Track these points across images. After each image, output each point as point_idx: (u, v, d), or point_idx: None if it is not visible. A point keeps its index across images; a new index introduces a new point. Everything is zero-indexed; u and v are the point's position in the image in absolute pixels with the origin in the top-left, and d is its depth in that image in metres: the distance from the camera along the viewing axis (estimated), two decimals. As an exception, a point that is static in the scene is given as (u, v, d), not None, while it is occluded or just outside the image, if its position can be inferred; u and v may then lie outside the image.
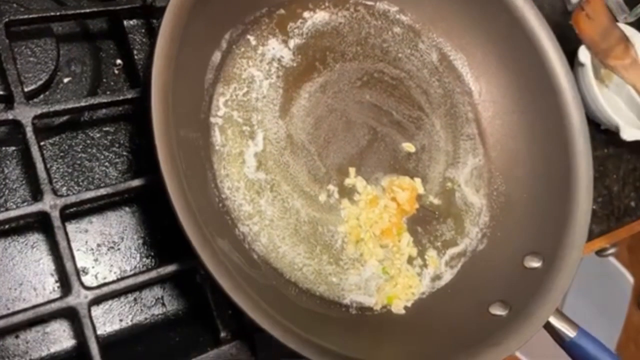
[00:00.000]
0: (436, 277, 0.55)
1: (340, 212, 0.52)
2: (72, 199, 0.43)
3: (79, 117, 0.52)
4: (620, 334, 1.59)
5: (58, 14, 0.46)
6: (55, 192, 0.43)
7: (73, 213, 0.49)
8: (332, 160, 0.53)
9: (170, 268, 0.45)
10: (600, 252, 0.96)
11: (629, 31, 0.73)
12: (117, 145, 0.53)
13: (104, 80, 0.54)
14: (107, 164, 0.52)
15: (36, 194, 0.46)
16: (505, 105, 0.61)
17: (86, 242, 0.49)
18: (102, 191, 0.44)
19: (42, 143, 0.49)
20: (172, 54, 0.41)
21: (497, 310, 0.51)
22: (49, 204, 0.42)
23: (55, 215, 0.42)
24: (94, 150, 0.52)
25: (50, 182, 0.43)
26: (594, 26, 0.72)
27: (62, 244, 0.42)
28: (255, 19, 0.53)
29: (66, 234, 0.42)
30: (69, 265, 0.42)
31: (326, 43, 0.56)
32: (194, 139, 0.46)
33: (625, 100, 0.74)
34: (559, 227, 0.54)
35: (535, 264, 0.54)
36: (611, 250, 0.97)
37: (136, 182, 0.45)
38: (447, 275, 0.55)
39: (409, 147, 0.57)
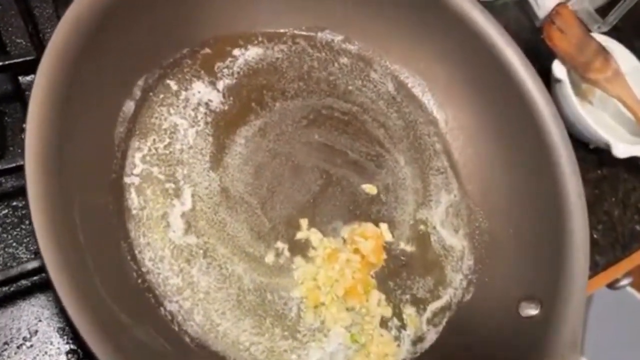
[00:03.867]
0: (418, 340, 0.46)
1: (292, 274, 0.44)
2: (-52, 293, 0.35)
3: (-21, 193, 0.44)
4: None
5: None
6: None
7: (-30, 308, 0.41)
8: (278, 213, 0.46)
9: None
10: (612, 285, 0.87)
11: (605, 40, 0.67)
12: (27, 221, 0.45)
13: (11, 148, 0.47)
14: (14, 244, 0.44)
15: None
16: (476, 131, 0.54)
17: (-11, 341, 0.41)
18: (-12, 279, 0.36)
19: None
20: (55, 110, 0.34)
21: (493, 375, 0.42)
22: None
23: None
24: (-1, 230, 0.44)
25: None
26: (568, 39, 0.66)
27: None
28: (175, 61, 0.46)
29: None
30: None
31: (262, 81, 0.50)
32: (102, 205, 0.39)
33: (612, 114, 0.68)
34: (555, 264, 0.47)
35: (533, 311, 0.45)
36: (625, 282, 0.88)
37: (32, 265, 0.38)
38: (431, 335, 0.47)
39: (369, 188, 0.50)
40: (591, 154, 0.67)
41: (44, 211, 0.32)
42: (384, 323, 0.46)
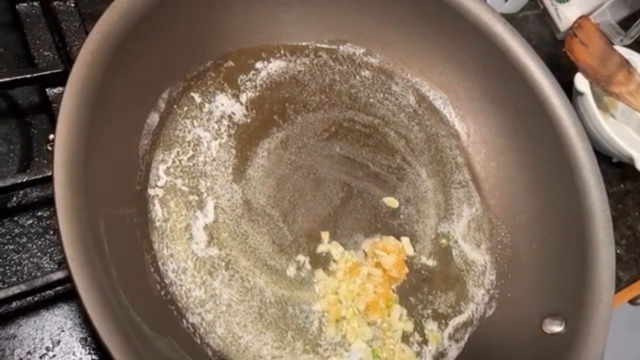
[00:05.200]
0: (439, 355, 0.46)
1: (314, 287, 0.44)
2: (-26, 302, 0.35)
3: (5, 203, 0.45)
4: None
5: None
6: (-45, 295, 0.35)
7: (-5, 317, 0.41)
8: (300, 225, 0.46)
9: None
10: (634, 301, 0.85)
11: (628, 53, 0.67)
12: (51, 231, 0.45)
13: (36, 159, 0.48)
14: (39, 254, 0.45)
15: None
16: (499, 144, 0.54)
17: (13, 351, 0.41)
18: (15, 290, 0.37)
19: (-42, 236, 0.43)
20: (83, 122, 0.34)
21: (517, 392, 0.41)
22: (-55, 311, 0.34)
23: (-47, 325, 0.34)
24: (24, 240, 0.45)
25: (-50, 284, 0.35)
26: (590, 52, 0.66)
27: (-38, 361, 0.34)
28: (199, 74, 0.47)
29: (-32, 347, 0.34)
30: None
31: (284, 94, 0.50)
32: (127, 216, 0.39)
33: (635, 127, 0.67)
34: (579, 281, 0.46)
35: (557, 328, 0.44)
36: (646, 297, 0.86)
37: (58, 275, 0.38)
38: (453, 351, 0.46)
39: (391, 202, 0.50)
40: (614, 167, 0.67)
41: (71, 222, 0.32)
42: (405, 338, 0.45)
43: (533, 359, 0.44)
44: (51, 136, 0.48)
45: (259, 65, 0.50)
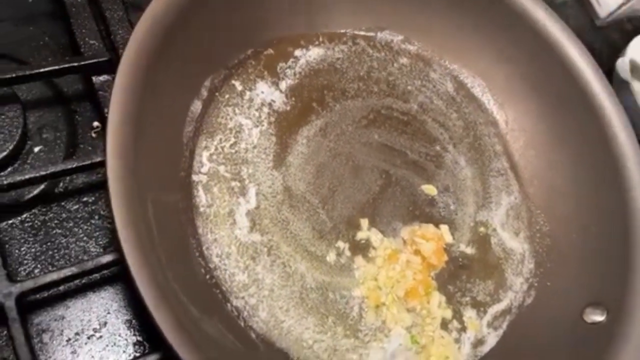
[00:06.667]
0: (478, 343, 0.46)
1: (354, 273, 0.44)
2: (29, 284, 0.37)
3: (53, 189, 0.46)
4: None
5: (13, 75, 0.41)
6: (10, 277, 0.37)
7: (45, 299, 0.43)
8: (339, 212, 0.46)
9: (151, 358, 0.37)
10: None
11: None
12: (97, 216, 0.47)
13: (81, 145, 0.49)
14: (85, 238, 0.46)
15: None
16: (538, 132, 0.53)
17: (62, 331, 0.43)
18: (67, 272, 0.38)
19: (10, 221, 0.44)
20: (132, 110, 0.35)
21: (558, 381, 0.41)
22: (1, 292, 0.36)
23: (9, 305, 0.36)
24: (71, 224, 0.46)
25: (5, 266, 0.37)
26: None
27: (19, 339, 0.35)
28: (240, 62, 0.47)
29: (24, 327, 0.36)
30: (27, 367, 0.35)
31: (323, 81, 0.50)
32: (172, 202, 0.40)
33: (678, 116, 0.65)
34: (622, 270, 0.45)
35: (598, 317, 0.44)
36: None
37: (107, 258, 0.39)
38: (492, 339, 0.46)
39: (429, 189, 0.50)
40: (655, 157, 0.65)
41: (124, 207, 0.33)
42: (444, 325, 0.45)
43: (573, 348, 0.44)
44: (95, 123, 0.50)
45: (298, 53, 0.50)
